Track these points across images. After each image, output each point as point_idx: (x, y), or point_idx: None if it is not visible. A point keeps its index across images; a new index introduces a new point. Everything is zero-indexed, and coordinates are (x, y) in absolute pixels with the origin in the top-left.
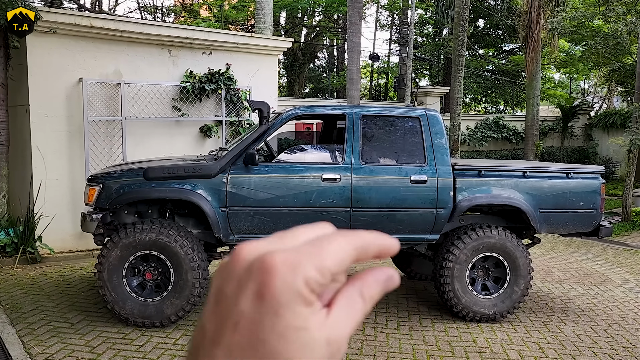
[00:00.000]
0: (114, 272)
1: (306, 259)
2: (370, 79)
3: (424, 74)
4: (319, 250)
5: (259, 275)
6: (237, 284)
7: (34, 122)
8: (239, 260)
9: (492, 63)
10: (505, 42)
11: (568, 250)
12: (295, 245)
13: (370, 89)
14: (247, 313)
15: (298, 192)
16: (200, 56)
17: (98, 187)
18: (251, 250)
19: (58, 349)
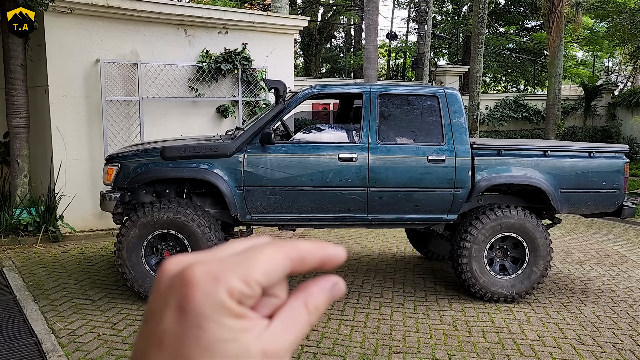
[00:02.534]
0: (132, 251)
1: (229, 269)
2: (388, 59)
3: (442, 52)
4: (245, 260)
5: (179, 288)
6: (161, 300)
7: (53, 102)
8: (162, 275)
9: (513, 41)
10: (526, 19)
11: (589, 231)
12: (221, 256)
13: (387, 68)
14: (170, 329)
15: (314, 172)
16: (217, 36)
17: (116, 167)
18: (174, 264)
19: (80, 324)
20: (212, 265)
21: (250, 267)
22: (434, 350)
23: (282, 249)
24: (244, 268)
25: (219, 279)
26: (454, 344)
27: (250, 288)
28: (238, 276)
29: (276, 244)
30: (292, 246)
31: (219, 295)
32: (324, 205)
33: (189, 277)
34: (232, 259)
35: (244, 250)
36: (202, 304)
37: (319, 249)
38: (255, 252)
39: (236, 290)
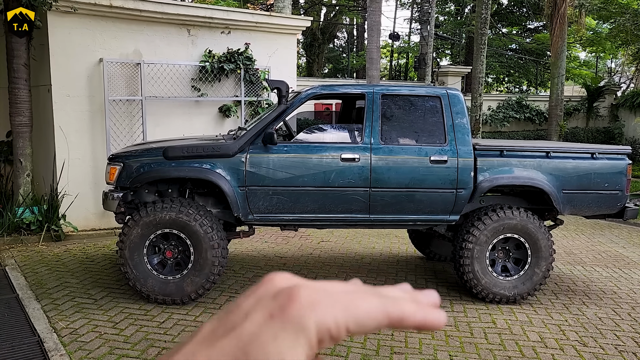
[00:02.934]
0: (135, 250)
1: (331, 305)
2: (390, 59)
3: (445, 53)
4: (348, 302)
5: (281, 300)
6: (257, 302)
7: (56, 102)
8: (269, 284)
9: (516, 42)
10: (529, 20)
11: (591, 233)
12: (329, 290)
13: (390, 69)
14: (250, 326)
15: (317, 172)
16: (219, 36)
17: (119, 166)
18: (285, 279)
19: (82, 324)
20: (318, 295)
21: (347, 311)
22: (436, 351)
23: (386, 304)
24: (343, 310)
25: (317, 308)
26: (455, 345)
27: (337, 330)
28: (334, 314)
29: (381, 297)
30: (396, 303)
31: (308, 321)
32: (326, 205)
33: (295, 295)
34: (339, 296)
35: (350, 292)
36: (290, 320)
37: (421, 313)
38: (359, 299)
39: (325, 326)
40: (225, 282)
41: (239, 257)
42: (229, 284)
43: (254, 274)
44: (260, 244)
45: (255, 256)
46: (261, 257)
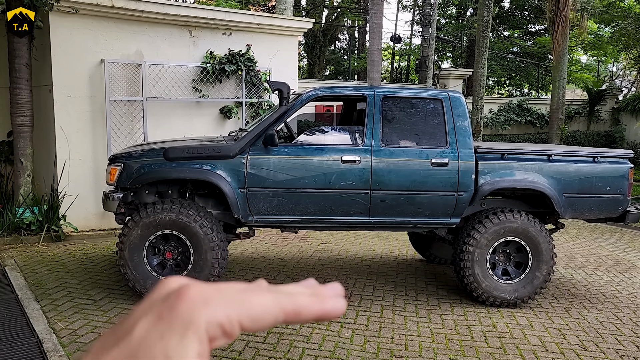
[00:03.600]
0: (134, 251)
1: (222, 301)
2: (392, 61)
3: (446, 56)
4: (242, 298)
5: (170, 300)
6: (148, 307)
7: (57, 102)
8: (162, 288)
9: (517, 45)
10: (531, 23)
11: (592, 236)
12: (221, 289)
13: (391, 71)
14: (139, 331)
15: (317, 174)
16: (221, 37)
17: (119, 167)
18: (176, 282)
19: (81, 324)
20: (209, 292)
21: (240, 307)
22: (436, 355)
23: (280, 299)
24: (235, 306)
25: (208, 304)
26: (456, 349)
27: (230, 325)
28: (225, 310)
29: (276, 292)
30: (290, 298)
31: (196, 317)
32: (326, 207)
33: (184, 293)
34: (232, 293)
35: (243, 290)
36: (177, 317)
37: (317, 304)
38: (253, 296)
39: (216, 320)
40: None
41: (238, 259)
42: None
43: (253, 276)
44: (260, 246)
45: (255, 258)
46: (261, 259)
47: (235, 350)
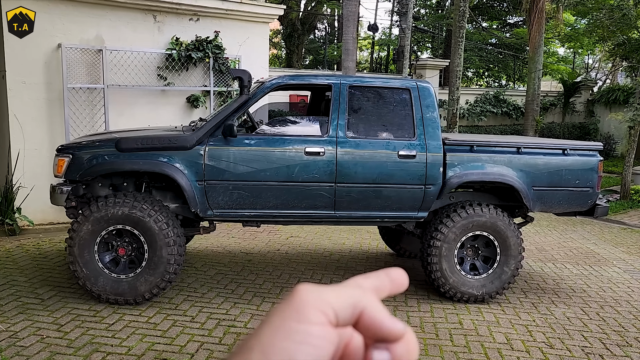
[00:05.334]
0: (85, 247)
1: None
2: (372, 51)
3: (426, 46)
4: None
5: (286, 298)
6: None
7: (11, 89)
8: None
9: (495, 36)
10: (509, 14)
11: (564, 229)
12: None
13: (371, 61)
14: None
15: (279, 166)
16: (187, 23)
17: (67, 158)
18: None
19: (24, 326)
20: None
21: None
22: None
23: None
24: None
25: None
26: (419, 348)
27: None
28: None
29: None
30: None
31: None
32: (289, 201)
33: (296, 289)
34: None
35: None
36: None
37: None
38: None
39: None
40: (184, 280)
41: (202, 254)
42: (189, 282)
43: (216, 271)
44: (226, 240)
45: (220, 252)
46: (226, 253)
47: (188, 353)
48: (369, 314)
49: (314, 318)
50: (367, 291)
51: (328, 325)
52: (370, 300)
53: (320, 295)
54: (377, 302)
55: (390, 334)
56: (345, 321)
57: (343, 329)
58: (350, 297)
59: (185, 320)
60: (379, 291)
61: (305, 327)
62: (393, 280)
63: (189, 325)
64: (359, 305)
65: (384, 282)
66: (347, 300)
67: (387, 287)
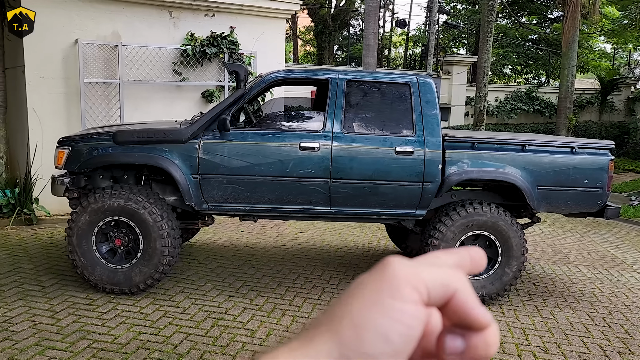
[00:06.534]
0: (83, 237)
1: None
2: (405, 47)
3: (462, 42)
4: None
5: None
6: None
7: (30, 83)
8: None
9: (534, 32)
10: (549, 9)
11: (586, 231)
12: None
13: (405, 57)
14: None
15: (274, 161)
16: (203, 18)
17: (67, 150)
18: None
19: (20, 312)
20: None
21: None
22: None
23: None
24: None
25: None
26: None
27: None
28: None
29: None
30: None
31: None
32: (284, 196)
33: (387, 262)
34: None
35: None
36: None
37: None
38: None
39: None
40: (184, 272)
41: (207, 247)
42: (188, 274)
43: (217, 265)
44: (235, 234)
45: (225, 246)
46: (231, 247)
47: (172, 343)
48: (460, 298)
49: (409, 295)
50: (459, 272)
51: (421, 304)
52: (464, 283)
53: (415, 271)
54: (469, 286)
55: (476, 322)
56: (437, 301)
57: (431, 308)
58: (444, 277)
59: (177, 312)
60: (460, 269)
61: (400, 305)
62: (473, 259)
63: (179, 316)
64: (451, 287)
65: (465, 260)
66: (441, 280)
67: (468, 266)
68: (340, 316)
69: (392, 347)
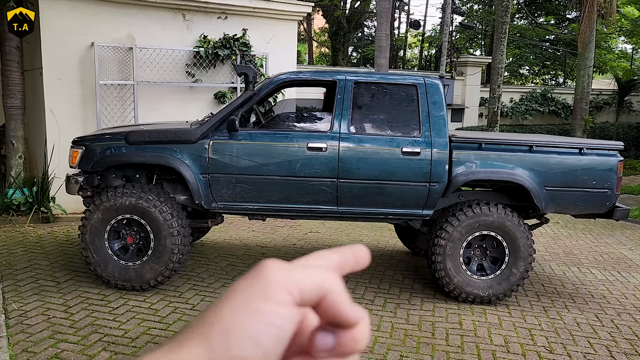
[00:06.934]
0: (96, 235)
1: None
2: (421, 48)
3: (478, 43)
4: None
5: (251, 274)
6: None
7: (47, 85)
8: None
9: (551, 32)
10: (567, 9)
11: (600, 233)
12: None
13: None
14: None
15: (282, 161)
16: (216, 21)
17: (81, 150)
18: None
19: (35, 306)
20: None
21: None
22: (388, 351)
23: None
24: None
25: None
26: (411, 345)
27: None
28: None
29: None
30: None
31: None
32: (291, 195)
33: (262, 265)
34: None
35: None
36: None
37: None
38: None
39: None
40: (195, 269)
41: (218, 246)
42: (198, 272)
43: (228, 263)
44: (246, 233)
45: (236, 245)
46: (242, 246)
47: None
48: (332, 298)
49: (281, 298)
50: (333, 272)
51: (293, 305)
52: (336, 283)
53: (289, 274)
54: (341, 286)
55: (345, 320)
56: (310, 302)
57: (305, 308)
58: (317, 278)
59: (186, 308)
60: (342, 268)
61: (272, 308)
62: (357, 258)
63: (188, 312)
64: (324, 287)
65: (349, 258)
66: (315, 281)
67: (351, 264)
68: (210, 321)
69: (261, 350)
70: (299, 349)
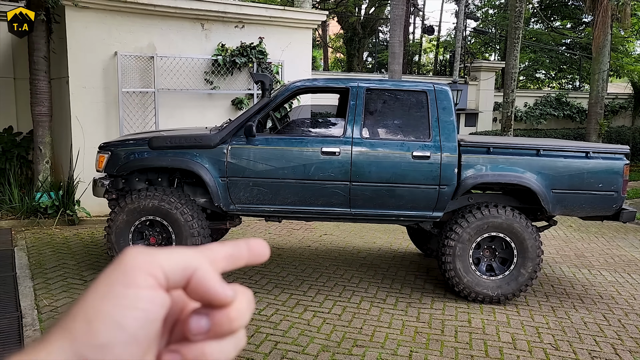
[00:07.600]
0: (121, 235)
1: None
2: (436, 54)
3: (493, 48)
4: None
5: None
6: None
7: (73, 93)
8: None
9: (567, 36)
10: (584, 13)
11: (612, 236)
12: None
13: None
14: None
15: (297, 165)
16: (233, 30)
17: (107, 155)
18: None
19: (65, 302)
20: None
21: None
22: (398, 347)
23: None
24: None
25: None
26: (421, 342)
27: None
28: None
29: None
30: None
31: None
32: (306, 198)
33: (125, 252)
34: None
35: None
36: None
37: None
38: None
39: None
40: None
41: None
42: None
43: None
44: (263, 235)
45: None
46: None
47: None
48: (198, 277)
49: (142, 281)
50: (201, 255)
51: (158, 288)
52: (203, 263)
53: (150, 257)
54: (209, 266)
55: (216, 298)
56: (177, 283)
57: (178, 293)
58: (181, 259)
59: None
60: (234, 259)
61: (133, 291)
62: (251, 250)
63: None
64: (189, 267)
65: (242, 250)
66: (178, 262)
67: (245, 256)
68: (74, 313)
69: (127, 333)
70: (181, 335)
